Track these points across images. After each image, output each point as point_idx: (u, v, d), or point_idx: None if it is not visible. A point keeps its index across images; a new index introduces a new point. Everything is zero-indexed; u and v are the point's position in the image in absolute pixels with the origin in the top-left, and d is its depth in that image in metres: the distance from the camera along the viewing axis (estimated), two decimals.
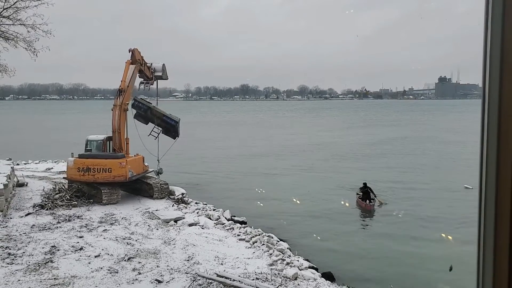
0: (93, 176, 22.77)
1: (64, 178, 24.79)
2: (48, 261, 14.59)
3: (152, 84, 27.93)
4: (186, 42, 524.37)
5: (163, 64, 28.23)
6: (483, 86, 1.22)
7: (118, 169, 22.84)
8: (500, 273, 1.21)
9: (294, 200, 26.09)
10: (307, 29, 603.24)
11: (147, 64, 27.10)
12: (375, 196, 24.62)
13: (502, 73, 1.14)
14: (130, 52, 25.55)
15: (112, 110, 24.78)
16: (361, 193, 24.59)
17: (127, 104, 25.12)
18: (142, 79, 27.52)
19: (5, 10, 26.50)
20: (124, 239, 17.18)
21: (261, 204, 25.37)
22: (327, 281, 14.00)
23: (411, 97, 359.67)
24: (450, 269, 13.42)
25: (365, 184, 24.90)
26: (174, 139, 27.89)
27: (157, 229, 18.70)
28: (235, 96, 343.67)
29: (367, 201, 24.03)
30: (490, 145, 1.17)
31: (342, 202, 25.25)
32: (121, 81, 24.93)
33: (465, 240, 17.40)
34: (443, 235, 19.51)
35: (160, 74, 27.94)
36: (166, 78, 28.90)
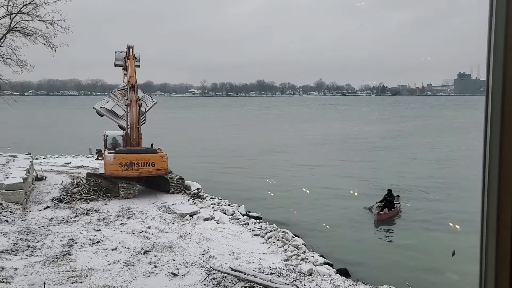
0: (137, 171, 23.08)
1: (100, 174, 24.39)
2: (66, 254, 14.84)
3: None
4: (205, 40, 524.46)
5: (139, 53, 28.64)
6: (487, 80, 1.21)
7: (160, 163, 23.35)
8: (502, 269, 1.21)
9: (311, 196, 26.00)
10: (331, 26, 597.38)
11: None
12: (397, 204, 22.78)
13: (506, 67, 1.13)
14: (130, 49, 26.16)
15: (127, 106, 25.05)
16: (383, 202, 22.30)
17: (140, 98, 25.49)
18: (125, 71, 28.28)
19: (24, 7, 26.98)
20: (140, 232, 17.38)
21: (277, 200, 25.38)
22: (342, 277, 13.94)
23: (429, 93, 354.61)
24: (453, 254, 13.34)
25: (389, 190, 22.78)
26: None
27: (173, 223, 18.87)
28: (251, 92, 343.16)
29: (383, 209, 22.00)
30: (493, 139, 1.17)
31: (360, 199, 25.05)
32: (130, 76, 25.27)
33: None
34: (462, 234, 19.27)
35: (138, 64, 28.40)
36: (139, 66, 29.23)
